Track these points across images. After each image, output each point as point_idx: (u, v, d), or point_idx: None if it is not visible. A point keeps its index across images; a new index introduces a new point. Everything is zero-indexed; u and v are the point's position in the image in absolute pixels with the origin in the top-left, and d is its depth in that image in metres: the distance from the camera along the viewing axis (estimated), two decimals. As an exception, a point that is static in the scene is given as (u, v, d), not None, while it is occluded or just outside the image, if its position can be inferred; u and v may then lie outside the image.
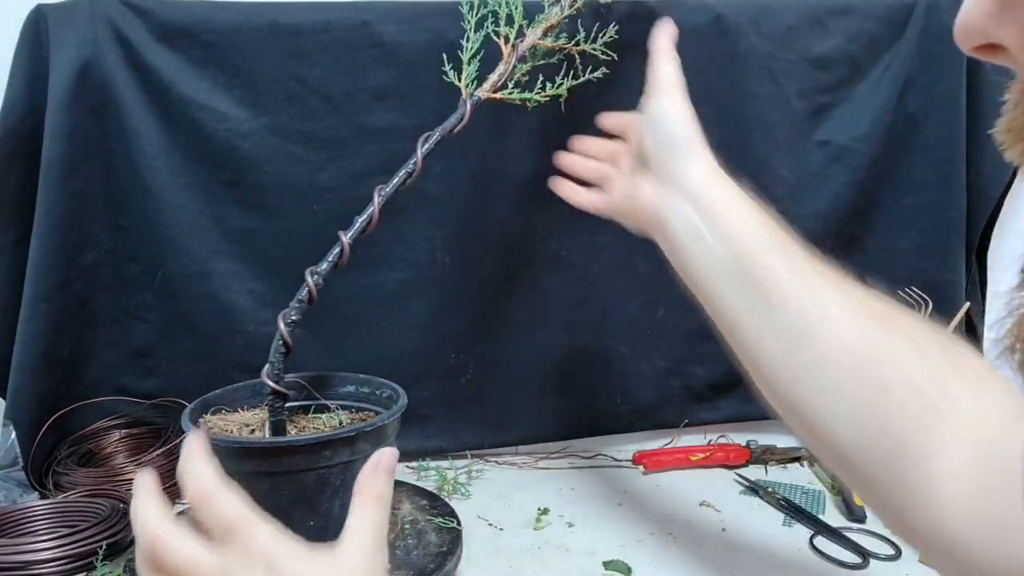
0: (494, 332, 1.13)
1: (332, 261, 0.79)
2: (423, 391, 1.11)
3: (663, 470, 1.13)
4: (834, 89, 1.10)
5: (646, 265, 1.13)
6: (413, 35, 1.03)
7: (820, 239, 1.13)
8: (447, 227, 1.09)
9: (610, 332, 1.14)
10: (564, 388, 1.15)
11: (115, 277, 1.07)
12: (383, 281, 1.09)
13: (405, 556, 0.82)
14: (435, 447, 1.14)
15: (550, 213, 1.10)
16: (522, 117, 1.04)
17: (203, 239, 1.06)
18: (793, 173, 1.11)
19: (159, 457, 1.03)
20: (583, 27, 0.94)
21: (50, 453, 1.04)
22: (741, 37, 1.06)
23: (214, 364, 1.08)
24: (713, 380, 1.17)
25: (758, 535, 0.95)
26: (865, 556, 0.89)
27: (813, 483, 1.09)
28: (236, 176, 1.05)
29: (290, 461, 0.69)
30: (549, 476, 1.12)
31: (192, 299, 1.07)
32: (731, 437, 1.18)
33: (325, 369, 0.88)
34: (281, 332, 0.76)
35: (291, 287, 0.79)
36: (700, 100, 1.10)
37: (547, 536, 0.95)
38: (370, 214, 0.80)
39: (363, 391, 0.86)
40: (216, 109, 1.03)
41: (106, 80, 1.00)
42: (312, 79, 1.03)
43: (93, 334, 1.07)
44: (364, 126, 1.05)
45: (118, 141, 1.03)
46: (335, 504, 0.71)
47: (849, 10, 1.08)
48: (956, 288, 1.11)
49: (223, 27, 1.01)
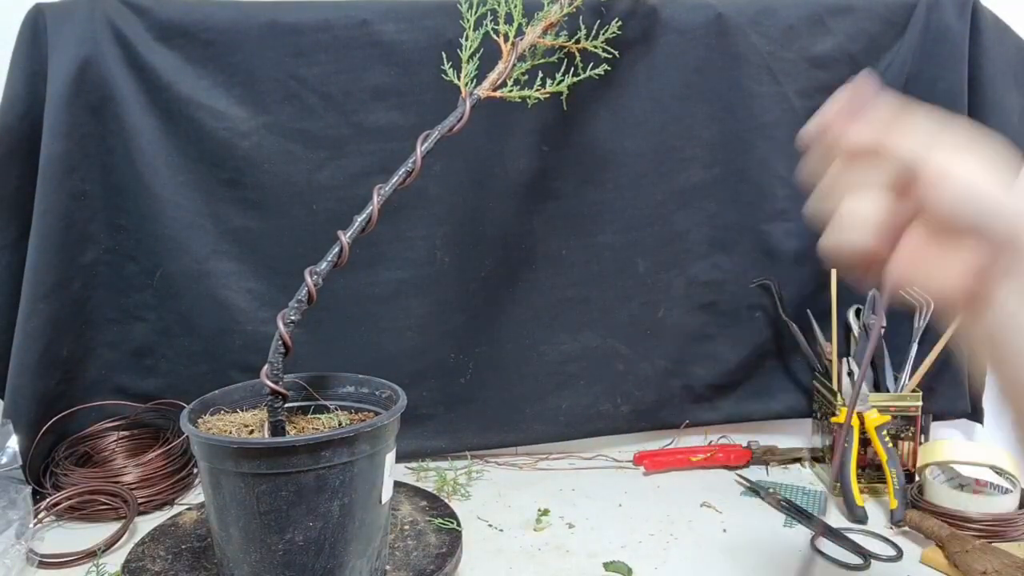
0: (494, 332, 1.13)
1: (331, 261, 0.78)
2: (423, 391, 1.11)
3: (664, 471, 1.12)
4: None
5: (646, 265, 1.13)
6: (412, 34, 1.02)
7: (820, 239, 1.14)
8: (446, 226, 1.09)
9: (610, 332, 1.14)
10: (564, 388, 1.15)
11: (114, 276, 1.07)
12: (382, 280, 1.09)
13: (405, 557, 0.82)
14: (435, 447, 1.14)
15: (550, 213, 1.10)
16: (522, 116, 1.04)
17: (202, 238, 1.06)
18: (793, 173, 1.11)
19: (159, 457, 1.03)
20: (584, 24, 0.94)
21: (48, 453, 1.04)
22: (741, 36, 1.06)
23: (213, 364, 1.08)
24: (713, 380, 1.17)
25: (759, 536, 0.94)
26: (866, 557, 0.89)
27: (814, 484, 1.08)
28: (235, 175, 1.05)
29: (289, 461, 0.69)
30: (549, 476, 1.12)
31: (191, 298, 1.07)
32: (732, 438, 1.17)
33: (324, 369, 0.87)
34: (280, 332, 0.76)
35: (290, 286, 0.78)
36: (700, 100, 1.11)
37: (547, 537, 0.95)
38: (369, 213, 0.80)
39: (362, 391, 0.85)
40: (215, 108, 1.03)
41: (105, 79, 1.00)
42: (311, 78, 1.03)
43: (92, 333, 1.07)
44: (363, 125, 1.05)
45: (117, 140, 1.02)
46: (335, 504, 0.71)
47: (850, 9, 1.08)
48: (957, 288, 1.10)
49: (222, 26, 1.01)
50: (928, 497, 0.96)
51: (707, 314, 1.15)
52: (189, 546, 0.85)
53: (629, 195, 1.09)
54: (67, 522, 0.98)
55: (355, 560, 0.74)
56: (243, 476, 0.70)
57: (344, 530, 0.72)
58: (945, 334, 1.07)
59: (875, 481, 1.04)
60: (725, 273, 1.14)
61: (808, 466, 1.14)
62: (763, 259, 1.13)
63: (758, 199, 1.11)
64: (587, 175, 1.09)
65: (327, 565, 0.72)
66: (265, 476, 0.69)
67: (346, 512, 0.72)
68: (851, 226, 0.46)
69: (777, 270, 1.13)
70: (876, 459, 1.02)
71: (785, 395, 1.18)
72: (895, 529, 0.96)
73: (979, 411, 1.17)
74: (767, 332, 1.16)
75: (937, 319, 1.08)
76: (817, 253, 1.20)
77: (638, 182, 1.09)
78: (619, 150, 1.08)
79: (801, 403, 1.17)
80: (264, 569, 0.72)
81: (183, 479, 1.04)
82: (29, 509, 0.91)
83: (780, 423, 1.19)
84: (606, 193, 1.09)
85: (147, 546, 0.84)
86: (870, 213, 0.45)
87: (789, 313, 1.12)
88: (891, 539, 0.93)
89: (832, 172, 0.47)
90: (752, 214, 1.12)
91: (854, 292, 1.08)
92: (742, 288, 1.14)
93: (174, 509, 1.00)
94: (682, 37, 1.05)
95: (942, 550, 0.86)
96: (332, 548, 0.72)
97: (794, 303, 1.13)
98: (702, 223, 1.12)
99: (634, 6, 1.03)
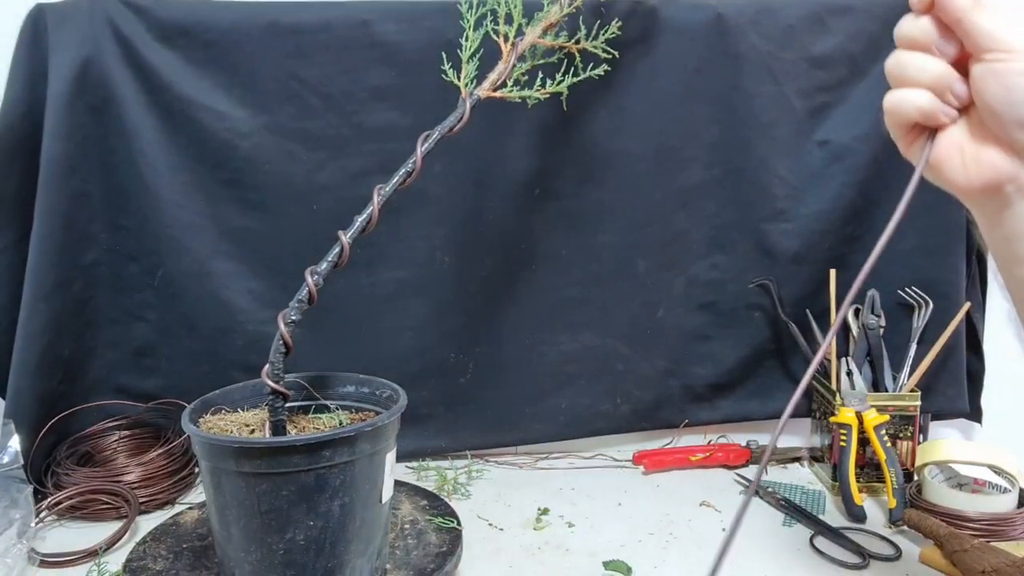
0: (494, 332, 1.13)
1: (332, 261, 0.79)
2: (423, 391, 1.11)
3: (663, 470, 1.13)
4: (834, 88, 1.10)
5: (646, 265, 1.13)
6: (412, 34, 1.03)
7: (820, 239, 1.14)
8: (447, 226, 1.09)
9: (610, 332, 1.14)
10: (564, 388, 1.15)
11: (115, 276, 1.07)
12: (383, 281, 1.09)
13: (405, 556, 0.82)
14: (435, 447, 1.14)
15: (550, 213, 1.10)
16: (522, 116, 1.04)
17: (203, 238, 1.06)
18: (793, 173, 1.11)
19: (160, 457, 1.03)
20: (584, 24, 0.94)
21: (50, 452, 1.04)
22: (741, 36, 1.06)
23: (214, 363, 1.08)
24: (713, 380, 1.17)
25: (759, 535, 0.94)
26: (865, 556, 0.89)
27: (813, 483, 1.09)
28: (236, 175, 1.05)
29: (290, 461, 0.69)
30: (549, 476, 1.12)
31: (192, 298, 1.07)
32: (731, 437, 1.18)
33: (325, 369, 0.87)
34: (281, 332, 0.76)
35: (291, 286, 0.78)
36: (700, 100, 1.11)
37: (547, 536, 0.95)
38: (369, 213, 0.80)
39: (363, 391, 0.86)
40: (216, 108, 1.03)
41: (106, 79, 1.00)
42: (312, 78, 1.03)
43: (93, 333, 1.07)
44: (363, 125, 1.05)
45: (118, 140, 1.03)
46: (335, 504, 0.71)
47: (849, 9, 1.08)
48: (956, 288, 1.11)
49: (223, 26, 1.01)
50: (927, 496, 0.96)
51: (706, 314, 1.15)
52: (190, 545, 0.85)
53: (629, 195, 1.10)
54: (68, 521, 0.98)
55: (356, 559, 0.74)
56: (244, 475, 0.70)
57: (345, 529, 0.73)
58: (944, 334, 1.07)
59: (874, 480, 1.05)
60: (724, 273, 1.14)
61: (807, 465, 1.15)
62: (762, 259, 1.13)
63: (758, 199, 1.11)
64: (587, 175, 1.09)
65: (328, 564, 0.73)
66: (266, 475, 0.69)
67: (347, 511, 0.72)
68: (913, 79, 0.48)
69: (776, 270, 1.13)
70: (875, 458, 1.03)
71: (784, 395, 1.18)
72: (894, 528, 0.96)
73: (978, 410, 1.17)
74: (766, 332, 1.16)
75: (935, 318, 1.09)
76: (817, 253, 1.20)
77: (638, 182, 1.09)
78: (619, 150, 1.08)
79: (800, 403, 1.17)
80: (265, 568, 0.72)
81: (184, 478, 1.04)
82: (31, 508, 0.91)
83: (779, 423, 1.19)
84: (606, 193, 1.09)
85: (148, 545, 0.85)
86: (933, 75, 0.47)
87: (788, 313, 1.12)
88: (890, 538, 0.93)
89: (915, 34, 0.49)
90: (752, 214, 1.12)
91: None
92: (741, 288, 1.14)
93: (175, 508, 1.00)
94: (682, 37, 1.06)
95: (940, 549, 0.86)
96: (333, 547, 0.72)
97: (793, 303, 1.13)
98: (702, 223, 1.12)
99: (634, 6, 1.03)
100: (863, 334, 1.09)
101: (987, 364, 1.16)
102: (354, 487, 0.72)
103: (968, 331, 1.13)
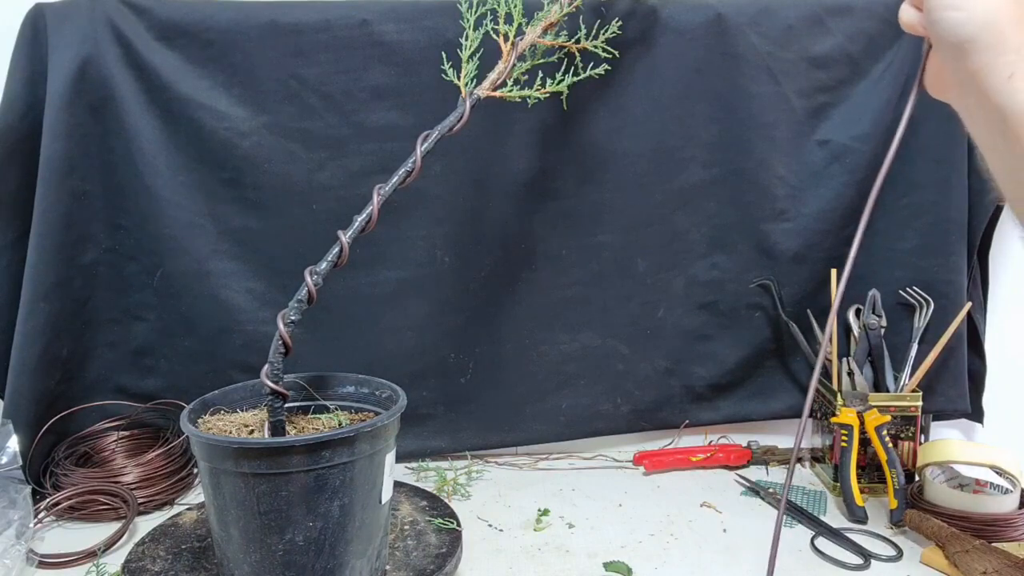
0: (494, 332, 1.13)
1: (331, 260, 0.78)
2: (423, 391, 1.11)
3: (664, 471, 1.12)
4: (834, 88, 1.10)
5: (646, 265, 1.13)
6: (412, 34, 1.02)
7: (820, 238, 1.14)
8: (446, 226, 1.09)
9: (610, 332, 1.14)
10: (564, 388, 1.15)
11: (114, 276, 1.07)
12: (382, 280, 1.09)
13: (405, 557, 0.82)
14: (435, 447, 1.14)
15: (550, 213, 1.10)
16: (522, 116, 1.04)
17: (202, 238, 1.06)
18: (793, 172, 1.11)
19: (159, 457, 1.03)
20: (584, 24, 0.94)
21: (48, 453, 1.04)
22: (741, 36, 1.06)
23: (213, 363, 1.08)
24: (713, 380, 1.17)
25: (759, 536, 0.94)
26: (866, 557, 0.89)
27: (814, 484, 1.08)
28: (235, 175, 1.05)
29: (289, 461, 0.69)
30: (549, 476, 1.12)
31: (191, 298, 1.07)
32: (732, 438, 1.18)
33: (324, 369, 0.87)
34: (280, 332, 0.76)
35: (290, 286, 0.78)
36: (700, 100, 1.11)
37: (547, 537, 0.95)
38: (369, 213, 0.80)
39: (362, 391, 0.85)
40: (215, 108, 1.03)
41: (105, 79, 1.00)
42: (311, 78, 1.03)
43: (92, 333, 1.07)
44: (363, 125, 1.05)
45: (117, 140, 1.02)
46: (335, 504, 0.71)
47: (849, 10, 1.08)
48: (956, 288, 1.10)
49: (222, 26, 1.01)
50: (928, 497, 0.96)
51: (707, 314, 1.15)
52: (189, 546, 0.85)
53: (629, 195, 1.10)
54: (67, 522, 0.98)
55: (355, 560, 0.74)
56: (243, 476, 0.70)
57: (344, 530, 0.72)
58: (945, 334, 1.07)
59: (875, 481, 1.05)
60: (725, 273, 1.14)
61: (808, 466, 1.14)
62: (763, 259, 1.13)
63: (758, 199, 1.11)
64: (587, 175, 1.09)
65: (327, 565, 0.72)
66: (265, 476, 0.69)
67: (346, 512, 0.72)
68: None
69: (777, 270, 1.13)
70: (876, 459, 1.02)
71: (785, 395, 1.18)
72: (895, 529, 0.96)
73: (979, 411, 1.17)
74: (767, 332, 1.16)
75: (935, 318, 1.09)
76: (817, 253, 1.20)
77: (638, 182, 1.09)
78: (619, 150, 1.08)
79: (801, 403, 1.17)
80: (264, 569, 0.72)
81: (183, 479, 1.04)
82: (29, 509, 0.91)
83: (780, 423, 1.19)
84: (606, 193, 1.09)
85: (147, 546, 0.85)
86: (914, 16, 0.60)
87: (789, 313, 1.12)
88: (891, 539, 0.93)
89: None
90: (752, 214, 1.12)
91: (854, 292, 1.08)
92: (742, 288, 1.14)
93: (174, 509, 1.00)
94: (682, 37, 1.05)
95: (942, 550, 0.86)
96: (332, 548, 0.72)
97: (794, 303, 1.13)
98: (702, 223, 1.12)
99: (634, 6, 1.03)
100: (864, 334, 1.08)
101: (988, 364, 1.16)
102: (353, 488, 0.72)
103: (969, 331, 1.13)
